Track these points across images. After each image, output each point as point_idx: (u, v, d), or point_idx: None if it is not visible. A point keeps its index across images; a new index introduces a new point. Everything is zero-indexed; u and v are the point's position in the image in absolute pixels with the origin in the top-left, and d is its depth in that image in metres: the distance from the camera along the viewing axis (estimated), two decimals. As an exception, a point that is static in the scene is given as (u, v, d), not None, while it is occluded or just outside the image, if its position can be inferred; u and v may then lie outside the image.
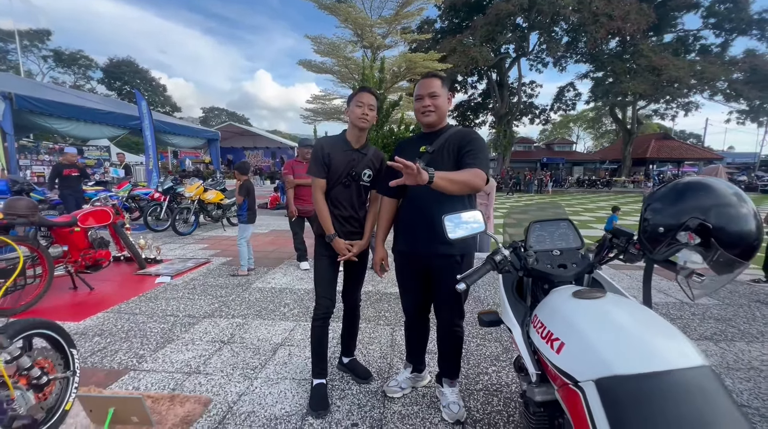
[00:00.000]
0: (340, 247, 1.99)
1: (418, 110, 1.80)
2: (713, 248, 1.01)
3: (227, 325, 3.05)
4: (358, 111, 1.89)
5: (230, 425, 1.88)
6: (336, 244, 1.98)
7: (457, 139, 1.76)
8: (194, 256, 5.36)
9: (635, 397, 0.79)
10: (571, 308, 1.08)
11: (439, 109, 1.77)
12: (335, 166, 1.94)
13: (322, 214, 1.97)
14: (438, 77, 1.79)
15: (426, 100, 1.75)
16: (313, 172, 1.97)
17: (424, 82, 1.79)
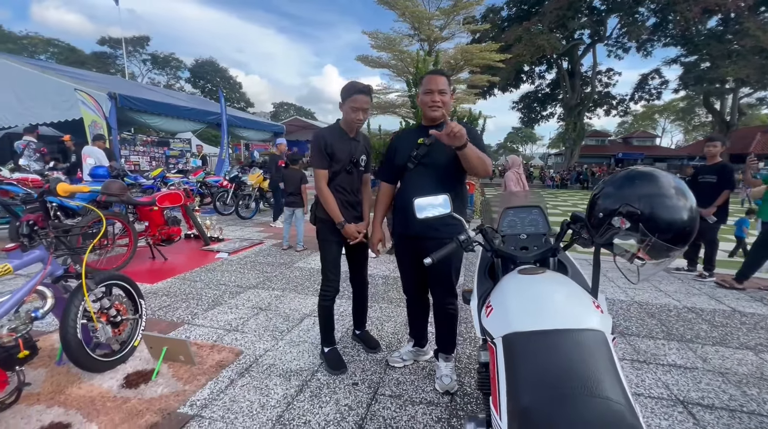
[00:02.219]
0: (352, 232, 2.14)
1: (426, 104, 1.90)
2: (644, 233, 1.08)
3: (267, 296, 3.49)
4: (353, 115, 2.05)
5: (254, 371, 2.25)
6: (348, 230, 2.13)
7: None
8: (250, 238, 6.01)
9: (526, 347, 0.94)
10: (509, 281, 1.21)
11: (445, 105, 1.90)
12: (338, 156, 2.11)
13: (330, 203, 2.10)
14: (445, 75, 1.94)
15: (435, 95, 1.87)
16: (316, 163, 2.10)
17: (434, 78, 1.90)
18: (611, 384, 0.82)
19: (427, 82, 1.91)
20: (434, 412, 1.91)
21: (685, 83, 27.46)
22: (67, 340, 1.93)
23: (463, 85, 17.35)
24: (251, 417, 1.85)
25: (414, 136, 2.02)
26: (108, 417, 1.80)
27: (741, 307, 3.49)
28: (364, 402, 1.99)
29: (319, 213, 2.21)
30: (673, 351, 2.60)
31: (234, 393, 2.04)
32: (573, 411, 0.76)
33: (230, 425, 1.79)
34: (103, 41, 37.41)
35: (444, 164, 1.92)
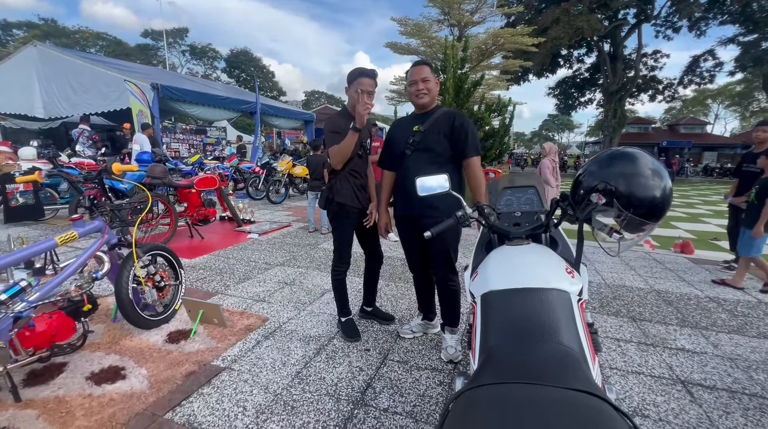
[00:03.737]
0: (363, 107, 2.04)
1: (413, 93, 2.08)
2: (619, 209, 1.18)
3: (292, 273, 3.77)
4: (357, 98, 2.13)
5: (278, 335, 2.50)
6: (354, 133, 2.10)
7: (446, 121, 2.06)
8: (279, 221, 6.35)
9: (499, 303, 1.08)
10: (497, 252, 1.34)
11: (431, 92, 2.07)
12: None
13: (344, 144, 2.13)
14: (428, 64, 2.11)
15: (420, 84, 2.05)
16: (331, 143, 2.20)
17: (417, 69, 2.08)
18: (567, 334, 0.96)
19: (411, 74, 2.09)
20: (437, 377, 2.08)
21: (743, 65, 25.26)
22: (121, 299, 2.25)
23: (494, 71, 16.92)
24: (274, 372, 2.10)
25: (409, 124, 2.17)
26: (154, 364, 2.11)
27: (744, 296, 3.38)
28: (374, 365, 2.19)
29: (337, 197, 2.30)
30: (684, 336, 2.61)
31: (260, 352, 2.29)
32: (529, 349, 0.90)
33: (255, 377, 2.04)
34: (146, 34, 39.28)
35: (438, 149, 2.08)
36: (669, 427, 1.73)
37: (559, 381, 0.73)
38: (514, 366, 0.83)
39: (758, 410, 1.87)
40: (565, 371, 0.79)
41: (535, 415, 0.62)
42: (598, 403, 0.64)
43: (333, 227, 2.42)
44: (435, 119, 2.07)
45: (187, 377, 2.01)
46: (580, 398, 0.66)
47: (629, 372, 2.17)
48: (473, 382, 0.78)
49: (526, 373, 0.78)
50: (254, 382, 1.99)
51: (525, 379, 0.74)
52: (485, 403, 0.68)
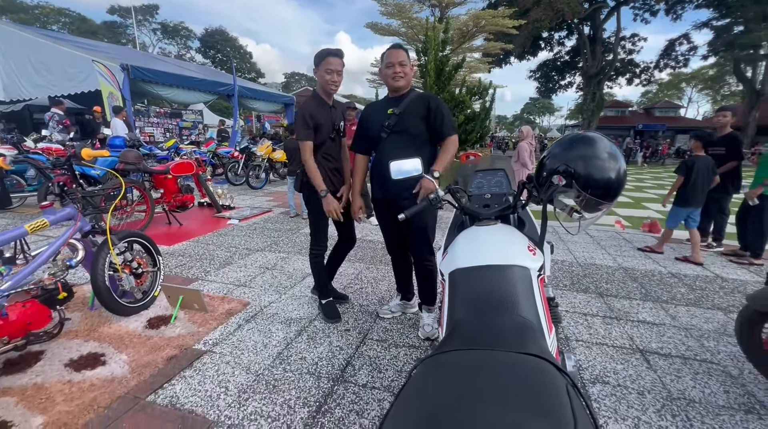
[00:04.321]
0: (332, 205, 2.21)
1: (389, 76, 2.07)
2: (577, 190, 1.25)
3: (273, 258, 3.78)
4: (327, 77, 2.16)
5: (259, 319, 2.54)
6: (328, 201, 2.20)
7: (421, 103, 2.09)
8: (260, 206, 6.30)
9: (464, 279, 1.14)
10: (465, 231, 1.41)
11: (407, 76, 2.09)
12: (323, 125, 2.22)
13: (314, 172, 2.19)
14: (404, 49, 2.12)
15: (396, 67, 2.05)
16: (301, 135, 2.18)
17: (393, 52, 2.08)
18: (526, 306, 1.03)
19: (387, 57, 2.08)
20: (414, 354, 2.17)
21: (715, 49, 25.92)
22: (98, 286, 2.23)
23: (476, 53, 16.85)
24: (255, 353, 2.14)
25: (383, 107, 2.18)
26: (135, 350, 2.12)
27: (725, 273, 3.62)
28: (354, 344, 2.26)
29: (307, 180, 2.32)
30: (646, 310, 2.79)
31: (241, 335, 2.33)
32: (489, 321, 0.97)
33: (237, 359, 2.09)
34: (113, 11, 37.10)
35: (414, 131, 2.11)
36: (626, 391, 1.88)
37: (512, 347, 0.80)
38: (474, 335, 0.89)
39: (706, 374, 2.04)
40: (520, 339, 0.86)
41: (484, 374, 0.68)
42: (542, 364, 0.71)
43: (309, 210, 2.41)
44: (410, 102, 2.09)
45: (169, 361, 2.04)
46: (526, 360, 0.73)
47: (593, 343, 2.31)
48: (435, 350, 0.84)
49: (484, 340, 0.85)
50: (236, 364, 2.04)
51: (482, 346, 0.81)
52: (442, 368, 0.74)
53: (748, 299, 1.86)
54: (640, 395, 1.86)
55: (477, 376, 0.69)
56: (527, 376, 0.67)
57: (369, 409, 1.73)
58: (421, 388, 0.70)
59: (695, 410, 1.77)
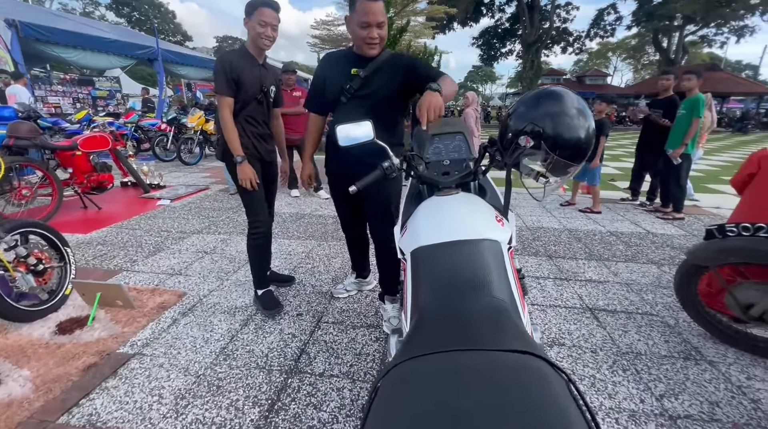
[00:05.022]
0: (248, 173, 1.95)
1: (363, 39, 1.68)
2: (546, 151, 1.13)
3: (212, 240, 3.42)
4: (260, 30, 1.85)
5: (198, 311, 2.26)
6: (243, 169, 1.94)
7: (398, 65, 1.78)
8: (195, 184, 5.72)
9: (429, 258, 1.00)
10: (425, 202, 1.25)
11: (383, 41, 1.74)
12: (247, 83, 1.92)
13: (231, 133, 1.91)
14: (382, 0, 1.69)
15: (374, 30, 1.66)
16: (220, 88, 1.88)
17: (370, 6, 1.62)
18: (498, 285, 0.91)
19: (363, 13, 1.64)
20: (373, 334, 2.06)
21: (638, 19, 27.75)
22: (-19, 291, 1.81)
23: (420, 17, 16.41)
24: (195, 351, 1.89)
25: (345, 65, 1.83)
26: (41, 362, 1.77)
27: (654, 229, 3.91)
28: (307, 330, 2.09)
29: (222, 151, 2.03)
30: (591, 268, 2.91)
31: (177, 331, 2.05)
32: (460, 307, 0.84)
33: (172, 360, 1.83)
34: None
35: (382, 97, 1.81)
36: (581, 351, 1.92)
37: (495, 342, 0.67)
38: (446, 329, 0.75)
39: (648, 326, 2.16)
40: (501, 330, 0.74)
41: (473, 385, 0.54)
42: (537, 363, 0.59)
43: (235, 183, 2.08)
44: (381, 64, 1.77)
45: (86, 371, 1.72)
46: (518, 360, 0.60)
47: (548, 306, 2.36)
48: (404, 353, 0.69)
49: (460, 336, 0.71)
50: (171, 366, 1.78)
51: (459, 344, 0.67)
52: (417, 377, 0.59)
53: (687, 254, 1.95)
54: (593, 354, 1.91)
55: (464, 387, 0.54)
56: (523, 383, 0.54)
57: (327, 400, 1.59)
58: (396, 406, 0.54)
59: (642, 362, 1.85)
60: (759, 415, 1.54)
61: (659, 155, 4.36)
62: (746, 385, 1.70)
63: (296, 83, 4.98)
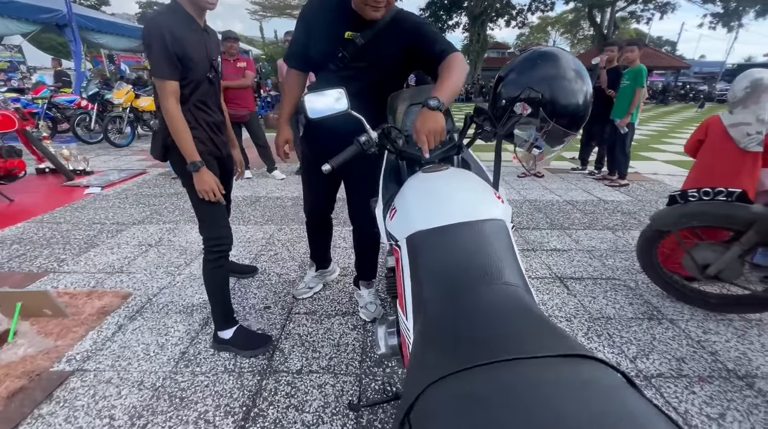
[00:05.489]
0: (208, 184, 1.49)
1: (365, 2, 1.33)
2: (544, 120, 1.04)
3: (156, 230, 3.06)
4: None
5: (148, 313, 1.99)
6: (202, 178, 1.47)
7: (400, 30, 1.43)
8: (129, 168, 5.11)
9: (428, 245, 0.88)
10: (413, 181, 1.12)
11: (391, 2, 1.40)
12: (196, 57, 1.45)
13: (183, 135, 1.43)
14: None
15: None
16: (162, 71, 1.36)
17: None
18: (509, 269, 0.82)
19: None
20: (350, 322, 1.94)
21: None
22: None
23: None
24: (148, 360, 1.66)
25: (337, 23, 1.44)
26: (-52, 394, 1.45)
27: (604, 196, 4.13)
28: (278, 324, 1.92)
29: (172, 143, 1.49)
30: (554, 238, 2.99)
31: (125, 339, 1.79)
32: (471, 298, 0.74)
33: (123, 372, 1.59)
34: None
35: (381, 70, 1.49)
36: (557, 321, 1.96)
37: (534, 342, 0.57)
38: (467, 330, 0.65)
39: (613, 290, 2.25)
40: (529, 325, 0.64)
41: (539, 408, 0.44)
42: (598, 367, 0.50)
43: (188, 190, 1.57)
44: (382, 29, 1.43)
45: (11, 399, 1.44)
46: (575, 367, 0.50)
47: (520, 278, 2.38)
48: (426, 369, 0.57)
49: (490, 340, 0.61)
50: (122, 380, 1.54)
51: (495, 351, 0.56)
52: (469, 402, 0.48)
53: (650, 220, 2.02)
54: (568, 322, 1.95)
55: (536, 410, 0.44)
56: (597, 395, 0.45)
57: (310, 399, 1.46)
58: None
59: (613, 326, 1.92)
60: (719, 366, 1.66)
61: (605, 125, 4.57)
62: (704, 339, 1.83)
63: (239, 54, 4.51)
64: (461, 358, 0.56)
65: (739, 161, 2.11)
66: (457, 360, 0.56)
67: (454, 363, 0.55)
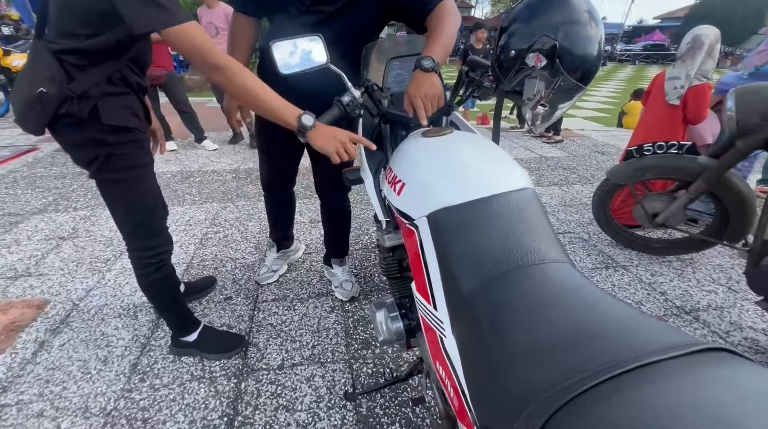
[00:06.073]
0: (340, 138, 1.05)
1: None
2: (557, 72, 0.94)
3: (67, 220, 2.53)
4: None
5: (76, 322, 1.64)
6: (328, 132, 1.03)
7: None
8: (12, 144, 4.16)
9: (459, 223, 0.76)
10: (416, 148, 0.97)
11: None
12: None
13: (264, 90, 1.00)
14: None
15: None
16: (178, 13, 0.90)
17: None
18: (553, 243, 0.73)
19: None
20: (326, 304, 1.80)
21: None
22: None
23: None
24: (90, 380, 1.37)
25: None
26: None
27: (545, 153, 4.34)
28: (245, 315, 1.71)
29: (105, 116, 1.02)
30: (509, 196, 3.07)
31: (51, 358, 1.46)
32: (522, 284, 0.64)
33: (58, 399, 1.29)
34: None
35: (354, 16, 1.24)
36: (529, 278, 2.01)
37: (639, 337, 0.49)
38: (549, 329, 0.55)
39: (571, 244, 2.38)
40: (616, 312, 0.56)
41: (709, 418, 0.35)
42: (730, 360, 0.43)
43: (99, 174, 1.11)
44: None
45: None
46: (710, 367, 0.43)
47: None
48: (527, 384, 0.46)
49: (589, 340, 0.51)
50: (59, 411, 1.25)
51: (603, 353, 0.47)
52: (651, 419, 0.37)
53: (607, 174, 2.12)
54: (539, 278, 2.01)
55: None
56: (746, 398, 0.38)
57: (299, 396, 1.33)
58: None
59: (578, 278, 2.03)
60: (669, 304, 1.85)
61: None
62: (653, 281, 2.02)
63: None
64: (568, 368, 0.45)
65: (664, 114, 2.26)
66: (564, 371, 0.45)
67: (564, 375, 0.44)
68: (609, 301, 0.59)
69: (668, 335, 0.48)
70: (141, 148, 1.15)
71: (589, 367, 0.45)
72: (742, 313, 1.79)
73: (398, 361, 1.47)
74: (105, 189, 1.16)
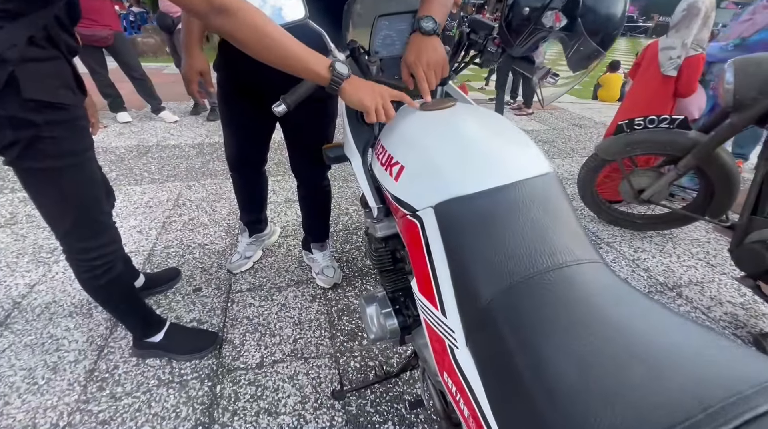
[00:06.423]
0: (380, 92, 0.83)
1: None
2: (576, 34, 0.81)
3: (3, 203, 2.22)
4: None
5: (18, 324, 1.44)
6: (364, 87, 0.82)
7: None
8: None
9: (474, 216, 0.64)
10: (414, 124, 0.83)
11: None
12: None
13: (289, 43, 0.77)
14: None
15: None
16: None
17: None
18: (582, 239, 0.63)
19: None
20: (306, 292, 1.67)
21: None
22: None
23: None
24: (37, 391, 1.20)
25: None
26: None
27: (523, 126, 4.27)
28: (217, 308, 1.56)
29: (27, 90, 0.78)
30: (492, 171, 2.99)
31: (-12, 367, 1.27)
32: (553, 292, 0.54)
33: (4, 418, 1.12)
34: None
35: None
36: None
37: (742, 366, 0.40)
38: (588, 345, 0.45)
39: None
40: (667, 321, 0.47)
41: None
42: None
43: (19, 161, 0.85)
44: None
45: None
46: None
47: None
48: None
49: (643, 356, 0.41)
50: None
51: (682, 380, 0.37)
52: None
53: (596, 149, 2.06)
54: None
55: None
56: None
57: (282, 397, 1.22)
58: None
59: (564, 256, 1.99)
60: (653, 281, 1.85)
61: None
62: (636, 258, 2.02)
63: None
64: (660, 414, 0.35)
65: (656, 86, 2.21)
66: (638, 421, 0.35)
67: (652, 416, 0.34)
68: (657, 311, 0.49)
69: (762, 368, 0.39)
70: (76, 128, 0.90)
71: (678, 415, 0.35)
72: (720, 288, 1.82)
73: (387, 353, 1.39)
74: (28, 180, 0.90)
